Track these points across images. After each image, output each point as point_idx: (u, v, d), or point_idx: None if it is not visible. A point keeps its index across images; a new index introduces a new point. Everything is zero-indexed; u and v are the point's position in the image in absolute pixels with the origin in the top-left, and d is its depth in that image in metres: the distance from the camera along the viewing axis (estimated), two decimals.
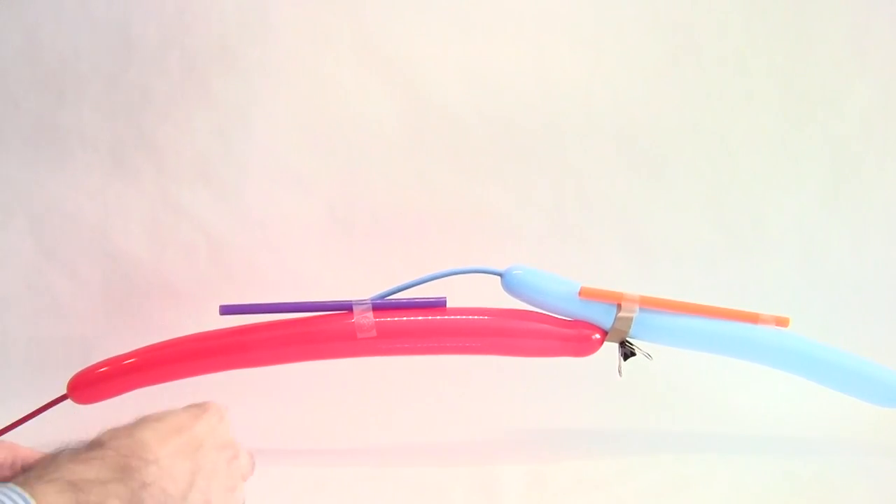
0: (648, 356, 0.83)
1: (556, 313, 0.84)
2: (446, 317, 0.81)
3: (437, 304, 0.81)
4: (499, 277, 0.84)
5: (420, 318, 0.80)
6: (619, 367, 0.83)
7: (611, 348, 0.85)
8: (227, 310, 0.78)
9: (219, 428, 0.50)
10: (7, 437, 0.75)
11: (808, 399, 1.07)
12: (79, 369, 0.79)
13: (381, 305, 0.80)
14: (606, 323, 0.83)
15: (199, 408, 0.50)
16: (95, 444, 0.43)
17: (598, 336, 0.83)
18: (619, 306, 0.81)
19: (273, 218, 1.24)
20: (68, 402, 0.78)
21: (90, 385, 0.78)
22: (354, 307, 0.79)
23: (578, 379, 1.13)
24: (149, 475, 0.42)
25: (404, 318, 0.80)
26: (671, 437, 0.96)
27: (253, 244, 1.23)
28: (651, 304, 0.82)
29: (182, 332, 0.83)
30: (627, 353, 0.83)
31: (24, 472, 0.41)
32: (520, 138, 1.26)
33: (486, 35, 1.26)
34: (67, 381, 0.78)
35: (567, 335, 0.83)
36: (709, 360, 1.16)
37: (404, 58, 1.25)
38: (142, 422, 0.46)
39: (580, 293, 0.81)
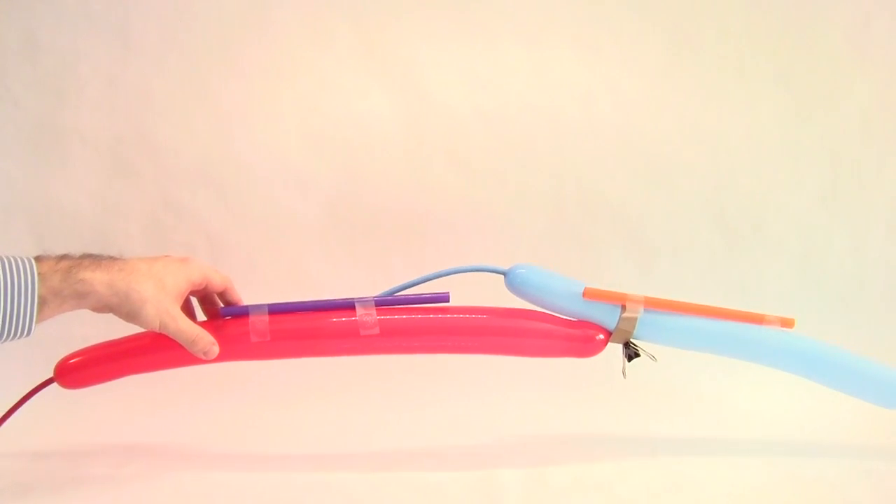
0: (653, 358, 0.82)
1: (559, 313, 0.83)
2: (450, 315, 0.80)
3: (440, 299, 0.80)
4: (502, 276, 0.83)
5: (423, 316, 0.80)
6: (623, 368, 0.83)
7: (612, 351, 0.84)
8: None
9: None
10: None
11: (808, 401, 1.07)
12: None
13: (384, 302, 0.80)
14: (610, 323, 0.82)
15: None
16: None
17: (601, 336, 0.82)
18: (623, 307, 0.81)
19: (273, 218, 1.24)
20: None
21: (78, 369, 0.75)
22: (357, 304, 0.79)
23: (578, 382, 1.13)
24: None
25: (407, 316, 0.79)
26: (670, 439, 0.96)
27: (253, 244, 1.23)
28: (655, 305, 0.82)
29: None
30: (631, 354, 0.82)
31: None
32: (520, 138, 1.26)
33: (486, 35, 1.26)
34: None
35: (571, 335, 0.82)
36: (707, 362, 1.16)
37: (404, 58, 1.25)
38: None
39: (584, 293, 0.81)
